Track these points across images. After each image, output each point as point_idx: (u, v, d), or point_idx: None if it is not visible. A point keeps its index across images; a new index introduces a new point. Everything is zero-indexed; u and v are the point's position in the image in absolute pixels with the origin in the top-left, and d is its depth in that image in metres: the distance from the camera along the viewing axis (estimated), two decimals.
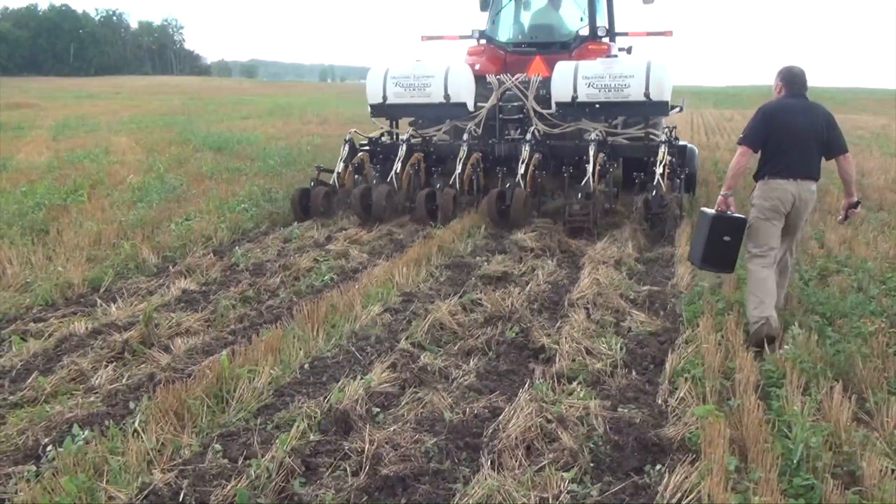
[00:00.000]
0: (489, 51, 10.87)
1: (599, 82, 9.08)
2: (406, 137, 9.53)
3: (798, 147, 4.92)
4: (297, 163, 13.38)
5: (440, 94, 9.48)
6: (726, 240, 5.03)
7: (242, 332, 5.05)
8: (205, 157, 14.32)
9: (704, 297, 5.53)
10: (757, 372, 4.17)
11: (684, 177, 9.15)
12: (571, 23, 11.26)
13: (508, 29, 11.41)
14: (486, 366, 4.48)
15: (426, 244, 7.09)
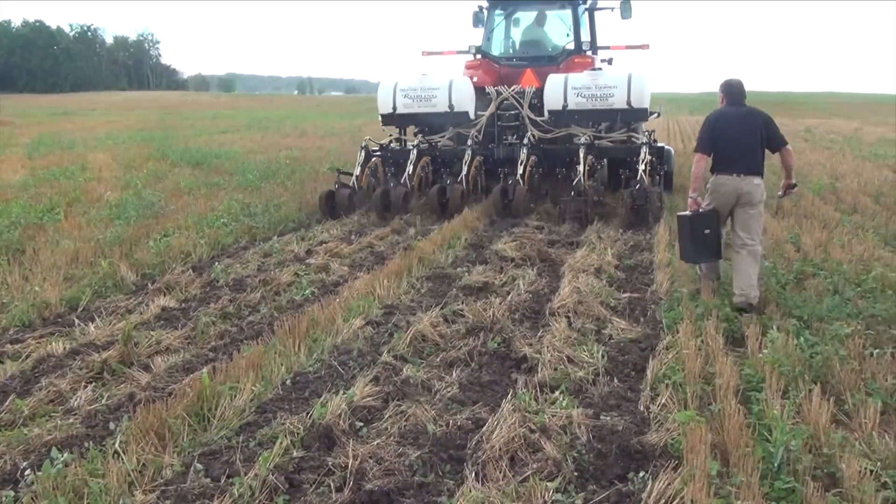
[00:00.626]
0: (485, 64, 12.16)
1: (587, 92, 10.39)
2: (416, 143, 10.95)
3: (739, 148, 5.85)
4: (275, 176, 13.34)
5: (445, 103, 10.77)
6: (707, 232, 5.95)
7: (223, 348, 5.02)
8: (183, 172, 14.23)
9: (683, 303, 5.58)
10: (737, 376, 4.20)
11: (663, 174, 10.68)
12: (557, 38, 12.66)
13: (501, 45, 12.77)
14: (469, 377, 4.48)
15: (407, 256, 7.10)
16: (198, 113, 48.57)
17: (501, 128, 11.19)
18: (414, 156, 10.65)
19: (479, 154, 10.78)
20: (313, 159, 16.76)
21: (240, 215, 9.37)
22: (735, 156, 5.84)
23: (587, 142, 10.20)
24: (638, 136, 10.68)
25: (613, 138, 10.71)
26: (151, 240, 7.93)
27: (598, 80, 10.47)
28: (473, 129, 10.98)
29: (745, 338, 4.91)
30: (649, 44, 12.37)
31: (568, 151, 10.49)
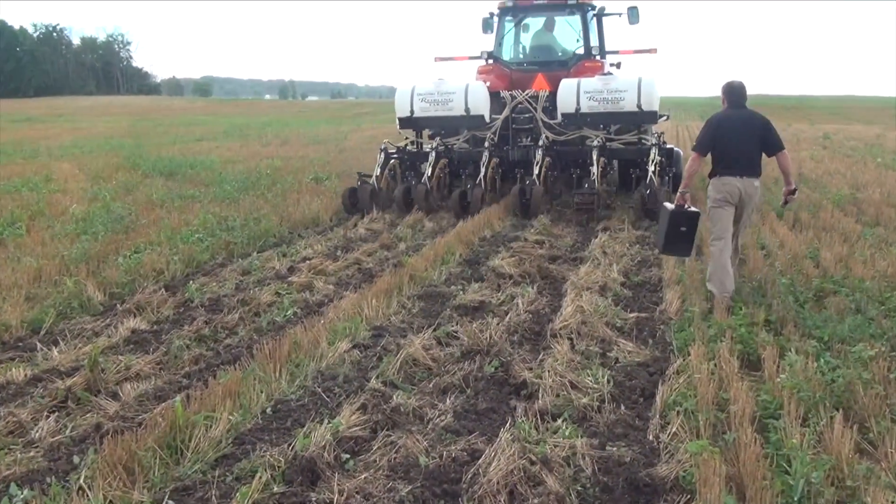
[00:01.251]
0: (497, 69, 13.50)
1: (599, 96, 11.57)
2: (434, 146, 12.21)
3: (739, 149, 6.40)
4: (255, 187, 13.36)
5: (461, 107, 12.01)
6: (683, 230, 6.55)
7: (198, 374, 4.99)
8: (155, 183, 14.23)
9: (695, 324, 5.59)
10: (753, 403, 4.20)
11: (672, 175, 11.66)
12: (567, 43, 14.01)
13: (512, 50, 14.12)
14: (464, 404, 4.46)
15: (397, 273, 7.10)
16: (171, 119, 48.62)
17: (516, 130, 12.56)
18: (433, 158, 11.99)
19: (494, 156, 12.12)
20: (296, 169, 16.81)
21: (216, 230, 9.36)
22: (737, 157, 6.41)
23: (599, 144, 11.50)
24: (648, 139, 11.95)
25: (624, 140, 12.02)
26: (121, 256, 7.91)
27: (610, 84, 11.64)
28: (489, 132, 12.27)
29: (762, 361, 4.92)
30: (657, 48, 13.93)
31: (580, 153, 11.91)
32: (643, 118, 11.75)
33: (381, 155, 12.33)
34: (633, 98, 11.47)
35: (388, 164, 12.29)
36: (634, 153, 11.92)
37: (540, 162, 11.56)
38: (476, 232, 9.58)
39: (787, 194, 6.64)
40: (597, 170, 11.14)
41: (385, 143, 12.53)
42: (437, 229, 10.23)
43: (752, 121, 6.49)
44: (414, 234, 9.88)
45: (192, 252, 8.25)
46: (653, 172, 10.87)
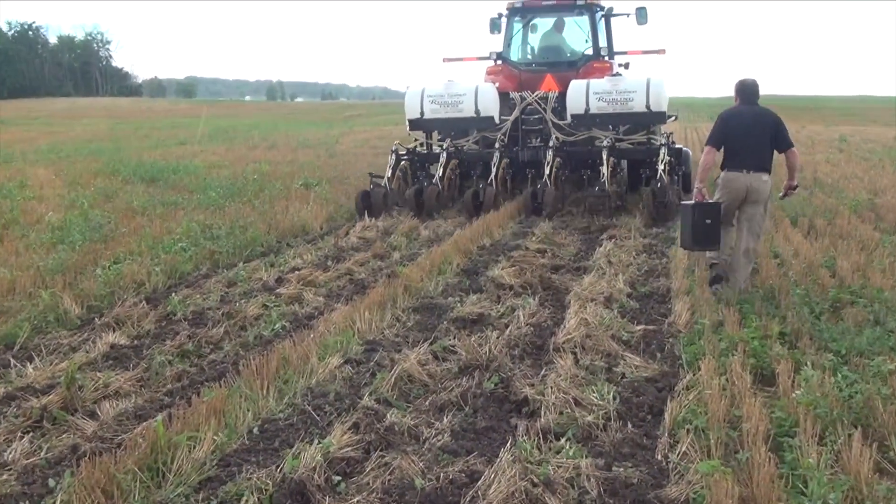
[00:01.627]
0: (506, 70, 14.21)
1: (608, 97, 12.23)
2: (445, 147, 12.92)
3: (749, 145, 6.91)
4: (242, 194, 13.37)
5: (471, 109, 12.72)
6: (708, 222, 6.93)
7: (181, 392, 4.98)
8: (136, 189, 14.24)
9: (705, 336, 5.59)
10: (767, 420, 4.20)
11: (681, 174, 12.66)
12: (576, 44, 14.75)
13: (521, 51, 14.92)
14: (462, 423, 4.46)
15: (391, 284, 7.09)
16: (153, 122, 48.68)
17: (525, 131, 13.31)
18: (444, 158, 12.73)
19: (504, 157, 12.81)
20: (284, 174, 16.82)
21: (201, 239, 9.36)
22: (745, 153, 6.93)
23: (609, 144, 12.16)
24: (657, 138, 12.69)
25: (634, 140, 12.85)
26: (99, 267, 7.90)
27: (619, 85, 12.32)
28: (499, 133, 12.98)
29: (776, 375, 4.92)
30: (665, 49, 14.75)
31: (590, 153, 12.63)
32: (652, 119, 12.46)
33: (392, 156, 12.94)
34: (642, 99, 12.12)
35: (398, 166, 12.90)
36: (644, 153, 12.65)
37: (551, 162, 12.14)
38: (474, 240, 9.58)
39: (787, 188, 7.32)
40: (607, 170, 11.73)
41: (396, 145, 13.18)
42: (434, 237, 10.24)
43: (763, 117, 7.04)
44: (409, 243, 9.89)
45: (174, 262, 8.24)
46: (662, 171, 11.53)
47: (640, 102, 12.18)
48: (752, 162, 6.92)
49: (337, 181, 15.97)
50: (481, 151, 13.22)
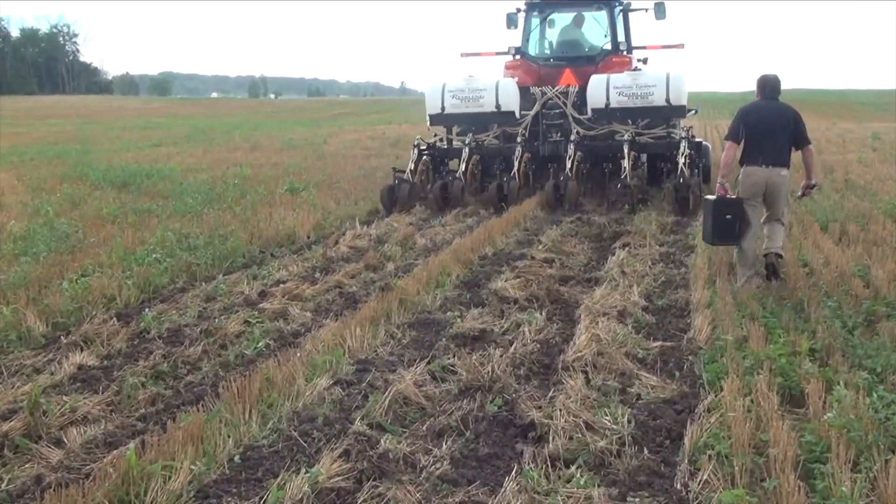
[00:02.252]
0: (524, 65, 15.77)
1: (628, 91, 13.59)
2: (468, 142, 14.24)
3: (767, 140, 7.53)
4: (221, 200, 13.39)
5: (492, 104, 14.17)
6: (728, 217, 7.59)
7: (155, 417, 4.98)
8: (106, 195, 14.25)
9: (728, 353, 5.60)
10: (796, 445, 4.20)
11: (701, 166, 14.00)
12: (595, 39, 16.27)
13: (540, 45, 16.50)
14: (463, 449, 4.46)
15: (384, 298, 7.10)
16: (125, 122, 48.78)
17: (547, 126, 14.57)
18: (466, 153, 14.09)
19: (525, 151, 14.13)
20: (268, 178, 16.86)
21: (176, 249, 9.37)
22: (764, 147, 7.55)
23: (630, 138, 13.50)
24: (676, 132, 13.92)
25: (654, 134, 14.15)
26: (66, 281, 7.90)
27: (639, 80, 13.66)
28: (520, 128, 14.39)
29: (806, 396, 4.92)
30: (684, 43, 16.06)
31: (611, 147, 14.01)
32: (672, 113, 13.85)
33: (414, 151, 14.29)
34: (662, 93, 13.47)
35: (420, 161, 14.22)
36: (664, 147, 13.96)
37: (572, 156, 13.48)
38: (475, 249, 9.59)
39: (805, 188, 7.99)
40: (628, 163, 13.11)
41: (418, 140, 14.56)
42: (431, 246, 10.25)
43: (782, 112, 7.67)
44: (404, 253, 9.90)
45: (148, 275, 8.25)
46: (683, 164, 12.82)
47: (660, 96, 13.44)
48: (771, 157, 7.54)
49: (325, 185, 16.00)
50: (502, 146, 14.63)
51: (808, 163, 7.87)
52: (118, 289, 7.72)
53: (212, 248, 9.47)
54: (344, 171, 19.10)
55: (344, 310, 7.29)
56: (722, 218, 7.63)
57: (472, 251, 9.47)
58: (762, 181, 7.58)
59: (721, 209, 7.63)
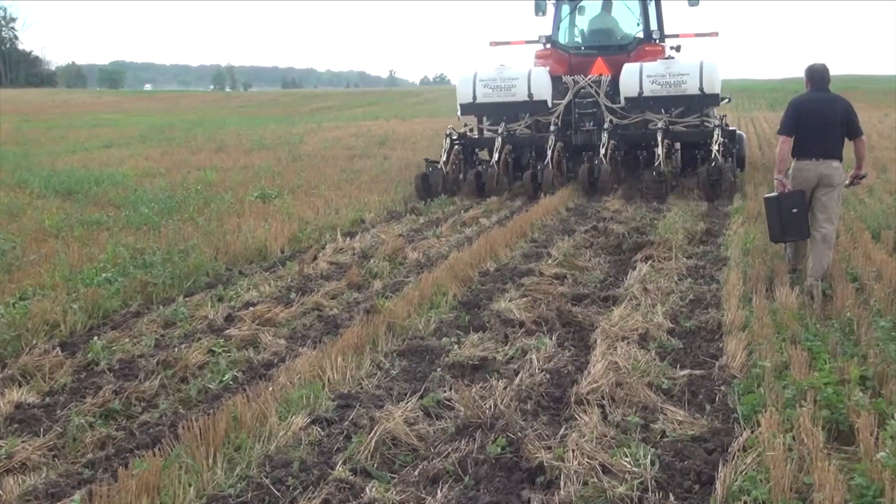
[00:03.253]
0: (555, 54, 18.25)
1: (661, 80, 15.93)
2: (500, 131, 16.40)
3: (819, 132, 8.39)
4: (182, 209, 13.39)
5: (524, 93, 16.60)
6: (795, 212, 8.44)
7: (104, 463, 4.97)
8: (48, 205, 14.24)
9: (766, 383, 5.60)
10: (844, 489, 4.21)
11: (735, 154, 16.33)
12: (626, 27, 18.86)
13: (571, 34, 19.11)
14: (461, 497, 4.46)
15: (370, 322, 7.10)
16: (71, 119, 48.82)
17: (579, 115, 16.94)
18: (500, 142, 16.23)
19: (559, 140, 16.35)
20: (236, 184, 16.89)
21: (130, 267, 9.36)
22: (817, 140, 8.41)
23: (664, 126, 15.67)
24: (710, 121, 16.19)
25: (688, 123, 16.29)
26: (1, 305, 7.90)
27: (672, 68, 15.96)
28: (553, 116, 16.70)
29: (856, 431, 4.92)
30: (718, 31, 18.20)
31: (644, 136, 16.37)
32: (705, 101, 16.07)
33: (447, 141, 16.48)
34: (696, 81, 15.74)
35: (452, 150, 16.41)
36: (698, 135, 16.16)
37: (606, 143, 15.77)
38: (475, 264, 9.62)
39: (854, 177, 8.83)
40: (662, 151, 15.32)
41: (450, 129, 16.73)
42: (424, 261, 10.27)
43: (834, 104, 8.55)
44: (393, 269, 9.92)
45: (96, 298, 8.24)
46: (717, 153, 15.10)
47: (694, 85, 15.75)
48: (823, 149, 8.41)
49: (302, 191, 16.03)
50: (534, 136, 17.01)
51: (859, 153, 8.70)
52: (62, 314, 7.71)
53: (171, 265, 9.46)
54: (324, 174, 19.13)
55: (323, 336, 7.29)
56: (788, 213, 8.46)
57: (472, 266, 9.49)
58: (814, 175, 8.45)
59: (786, 205, 8.46)
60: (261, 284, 9.08)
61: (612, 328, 7.07)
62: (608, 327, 7.11)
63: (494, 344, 6.86)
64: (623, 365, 6.10)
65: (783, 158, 8.62)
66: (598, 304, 8.22)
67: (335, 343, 6.68)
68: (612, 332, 6.97)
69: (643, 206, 14.37)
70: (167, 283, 8.95)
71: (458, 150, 16.66)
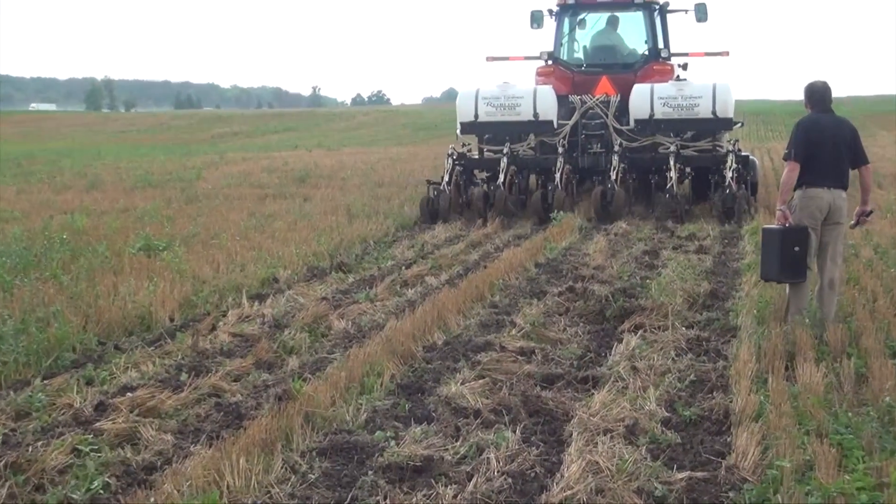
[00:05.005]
0: (558, 72, 21.49)
1: (673, 102, 19.15)
2: (505, 152, 19.59)
3: (830, 158, 9.31)
4: (43, 265, 13.25)
5: (529, 112, 19.66)
6: (797, 250, 9.20)
7: None
8: None
9: (785, 488, 5.65)
10: None
11: (749, 181, 19.37)
12: (633, 44, 22.09)
13: (574, 50, 22.23)
14: None
15: (283, 412, 7.06)
16: None
17: (586, 136, 20.06)
18: (505, 163, 19.43)
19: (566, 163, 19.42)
20: (112, 232, 16.79)
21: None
22: (827, 167, 9.33)
23: (675, 151, 18.95)
24: (722, 145, 19.44)
25: (698, 147, 19.61)
26: None
27: (684, 90, 19.16)
28: (559, 137, 19.76)
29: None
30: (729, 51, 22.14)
31: (654, 160, 19.69)
32: (718, 125, 19.47)
33: (449, 161, 19.72)
34: (708, 104, 18.97)
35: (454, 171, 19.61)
36: (710, 160, 19.50)
37: (616, 167, 18.96)
38: (419, 336, 9.59)
39: (860, 215, 9.72)
40: (674, 175, 18.75)
41: (451, 149, 19.91)
42: (354, 332, 10.19)
43: (842, 127, 9.58)
44: (313, 342, 9.86)
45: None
46: (731, 179, 18.28)
47: (707, 108, 18.96)
48: (834, 178, 9.37)
49: (199, 242, 15.96)
50: (538, 157, 20.40)
51: (865, 184, 9.78)
52: None
53: (26, 337, 9.37)
54: (227, 219, 19.11)
55: (222, 430, 7.24)
56: (789, 251, 9.25)
57: (415, 339, 9.48)
58: (825, 205, 9.38)
59: (789, 240, 9.29)
60: (143, 363, 9.01)
61: (591, 418, 7.10)
62: (587, 417, 7.14)
63: (442, 439, 6.84)
64: (605, 465, 6.12)
65: (789, 187, 9.48)
66: (574, 387, 8.23)
67: (237, 439, 6.63)
68: (592, 423, 6.99)
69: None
70: (20, 362, 8.84)
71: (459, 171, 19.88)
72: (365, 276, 13.63)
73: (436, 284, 12.83)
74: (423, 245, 16.63)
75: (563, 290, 12.08)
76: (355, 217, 19.70)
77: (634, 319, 10.37)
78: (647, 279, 12.84)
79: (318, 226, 18.16)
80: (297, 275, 13.75)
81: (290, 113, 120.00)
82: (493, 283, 12.42)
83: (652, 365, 8.61)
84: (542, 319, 10.48)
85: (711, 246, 16.04)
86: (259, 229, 17.71)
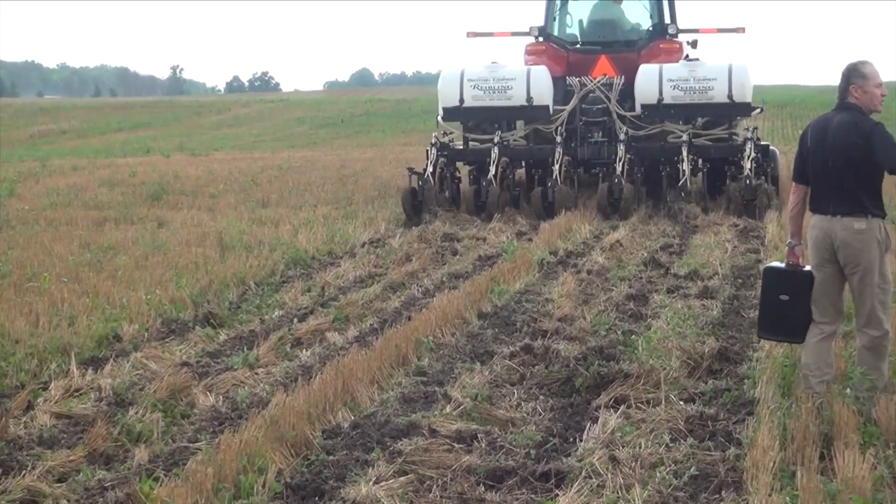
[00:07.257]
0: (550, 50, 25.12)
1: (684, 84, 22.20)
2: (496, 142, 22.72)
3: (826, 173, 9.26)
4: None
5: (522, 96, 22.90)
6: (784, 299, 9.37)
7: None
8: None
9: None
10: None
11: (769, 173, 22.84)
12: (635, 19, 25.66)
13: (568, 25, 25.82)
14: None
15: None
16: None
17: (586, 124, 23.27)
18: (496, 154, 22.47)
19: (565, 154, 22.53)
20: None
21: None
22: (825, 186, 9.35)
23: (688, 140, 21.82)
24: (738, 134, 22.83)
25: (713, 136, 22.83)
26: None
27: (697, 72, 22.09)
28: (554, 126, 22.84)
29: None
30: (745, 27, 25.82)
31: (663, 150, 22.92)
32: (735, 111, 22.94)
33: (432, 150, 22.98)
34: (724, 87, 22.13)
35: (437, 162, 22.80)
36: (726, 150, 22.94)
37: (623, 158, 21.89)
38: (318, 415, 9.51)
39: None
40: (687, 167, 21.84)
41: (435, 137, 23.14)
42: (226, 412, 10.01)
43: (846, 129, 9.27)
44: (169, 425, 9.76)
45: None
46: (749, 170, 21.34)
47: (722, 91, 22.20)
48: (833, 200, 9.26)
49: (11, 285, 15.88)
50: (532, 147, 24.06)
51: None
52: None
53: None
54: (51, 253, 19.00)
55: None
56: (773, 298, 9.53)
57: (311, 420, 9.41)
58: (826, 237, 9.30)
59: (774, 284, 9.64)
60: None
61: None
62: None
63: None
64: None
65: (794, 215, 9.71)
66: (530, 486, 8.19)
67: None
68: None
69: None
70: None
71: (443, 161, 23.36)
72: (242, 333, 13.57)
73: (341, 343, 12.75)
74: (322, 287, 16.50)
75: (516, 350, 12.03)
76: (230, 249, 19.52)
77: (614, 391, 10.32)
78: (633, 334, 12.75)
79: (178, 262, 18.08)
80: (147, 330, 13.63)
81: (141, 103, 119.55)
82: (421, 340, 12.33)
83: (638, 454, 8.57)
84: (488, 392, 10.43)
85: (720, 287, 15.82)
86: (95, 267, 17.61)
